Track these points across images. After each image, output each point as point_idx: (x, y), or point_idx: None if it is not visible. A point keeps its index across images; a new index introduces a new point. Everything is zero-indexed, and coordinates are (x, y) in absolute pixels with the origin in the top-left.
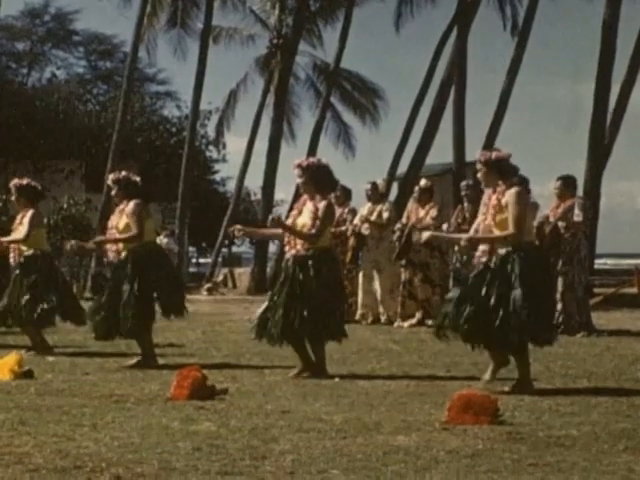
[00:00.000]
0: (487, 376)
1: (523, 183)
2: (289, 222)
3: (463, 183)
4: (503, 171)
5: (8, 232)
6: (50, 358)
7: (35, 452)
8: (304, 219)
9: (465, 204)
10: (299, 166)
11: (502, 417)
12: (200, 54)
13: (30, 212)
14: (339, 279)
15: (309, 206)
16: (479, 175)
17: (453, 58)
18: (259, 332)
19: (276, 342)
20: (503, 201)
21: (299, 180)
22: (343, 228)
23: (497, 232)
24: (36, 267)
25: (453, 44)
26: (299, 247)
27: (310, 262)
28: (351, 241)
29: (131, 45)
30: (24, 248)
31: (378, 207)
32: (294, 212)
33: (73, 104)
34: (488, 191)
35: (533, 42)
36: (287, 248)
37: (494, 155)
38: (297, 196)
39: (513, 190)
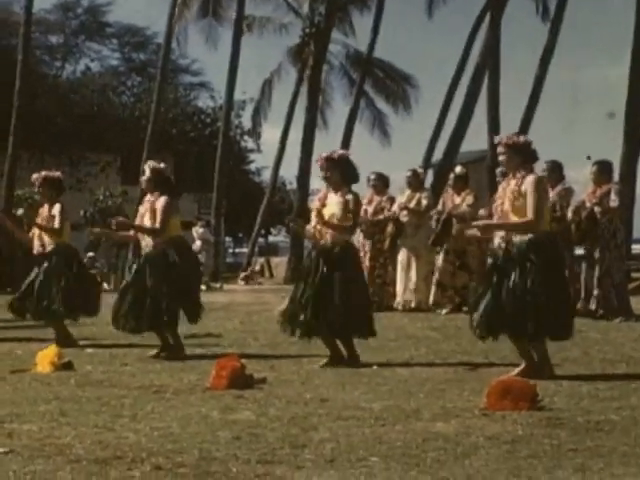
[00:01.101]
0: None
1: (556, 168)
2: (313, 215)
3: (498, 170)
4: (524, 156)
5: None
6: (89, 350)
7: (76, 443)
8: (332, 210)
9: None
10: (324, 159)
11: (541, 402)
12: (233, 44)
13: (58, 205)
14: (362, 274)
15: (335, 198)
16: (500, 159)
17: (486, 44)
18: (288, 327)
19: (304, 337)
20: (523, 188)
21: (322, 173)
22: (381, 217)
23: (514, 218)
24: (63, 259)
25: (486, 30)
26: (327, 237)
27: (335, 255)
28: (389, 228)
29: (164, 36)
30: (48, 240)
31: (417, 195)
32: (317, 204)
33: (107, 96)
34: (508, 177)
35: (566, 26)
36: (315, 238)
37: (514, 139)
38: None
39: (532, 177)
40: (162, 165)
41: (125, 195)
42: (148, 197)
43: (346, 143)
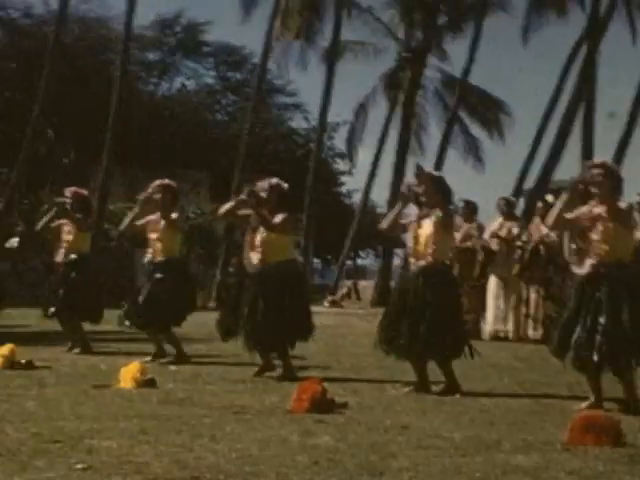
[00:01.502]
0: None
1: None
2: (410, 234)
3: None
4: (619, 186)
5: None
6: (172, 367)
7: (154, 462)
8: (427, 230)
9: None
10: (427, 176)
11: (625, 439)
12: (328, 67)
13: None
14: (458, 295)
15: (430, 217)
16: (594, 180)
17: (582, 73)
18: (385, 347)
19: (402, 357)
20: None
21: (421, 189)
22: (469, 243)
23: (604, 247)
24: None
25: (583, 59)
26: (429, 259)
27: (435, 275)
28: (480, 256)
29: (260, 56)
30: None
31: (508, 223)
32: (413, 224)
33: (202, 114)
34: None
35: None
36: (413, 260)
37: (615, 167)
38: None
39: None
40: (282, 183)
41: (215, 213)
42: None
43: (438, 168)
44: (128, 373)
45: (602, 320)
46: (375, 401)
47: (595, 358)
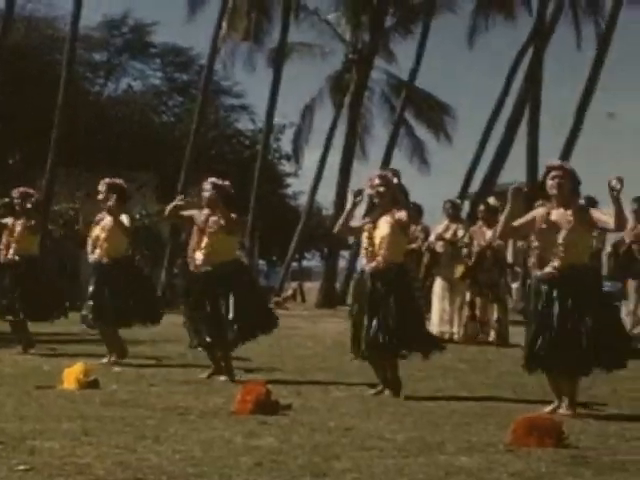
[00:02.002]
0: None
1: (592, 204)
2: (365, 235)
3: (537, 204)
4: (577, 189)
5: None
6: (116, 368)
7: (96, 463)
8: (383, 231)
9: None
10: (382, 177)
11: (567, 440)
12: (275, 68)
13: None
14: (415, 293)
15: (386, 218)
16: (552, 182)
17: (528, 77)
18: (355, 351)
19: (366, 358)
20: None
21: (380, 189)
22: (414, 245)
23: (573, 250)
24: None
25: (529, 63)
26: (379, 260)
27: (390, 276)
28: (425, 258)
29: (207, 58)
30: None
31: (454, 225)
32: (369, 225)
33: (148, 115)
34: (544, 208)
35: (610, 59)
36: (365, 261)
37: (571, 167)
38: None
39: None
40: (227, 182)
41: (161, 214)
42: (206, 212)
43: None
44: (71, 374)
45: (563, 324)
46: (319, 403)
47: (556, 361)
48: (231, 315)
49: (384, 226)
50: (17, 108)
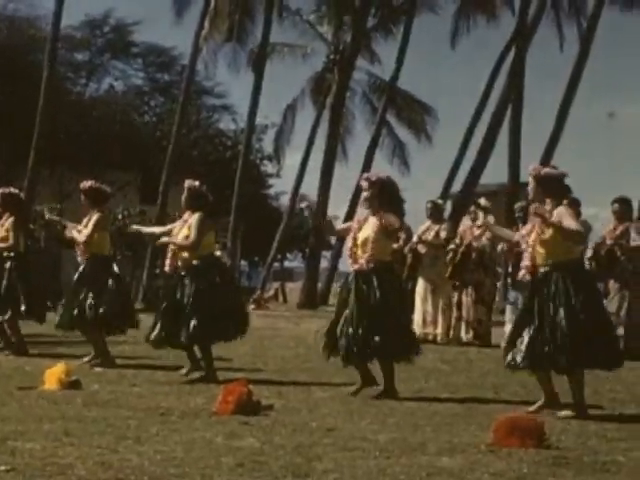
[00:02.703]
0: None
1: (574, 205)
2: (350, 236)
3: (517, 205)
4: (552, 189)
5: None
6: (97, 369)
7: (78, 463)
8: (367, 233)
9: (520, 225)
10: (367, 179)
11: (548, 441)
12: (257, 69)
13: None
14: (403, 294)
15: (372, 220)
16: (528, 188)
17: (510, 77)
18: (329, 351)
19: (347, 361)
20: (554, 219)
21: (365, 194)
22: (396, 246)
23: (541, 251)
24: (100, 270)
25: (511, 63)
26: (362, 262)
27: (374, 277)
28: (408, 259)
29: (189, 58)
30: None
31: (436, 226)
32: (354, 226)
33: (130, 115)
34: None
35: (592, 60)
36: (350, 262)
37: (544, 172)
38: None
39: (561, 207)
40: (197, 183)
41: (143, 215)
42: (185, 216)
43: (366, 171)
44: (53, 375)
45: (547, 321)
46: (301, 403)
47: (544, 359)
48: (194, 311)
49: (369, 228)
50: None
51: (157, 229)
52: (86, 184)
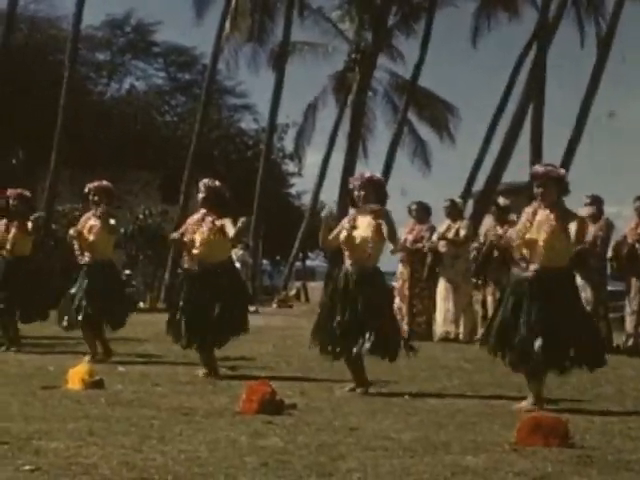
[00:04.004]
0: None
1: (597, 203)
2: (343, 235)
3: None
4: (562, 189)
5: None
6: (121, 368)
7: (102, 463)
8: (364, 232)
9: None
10: (359, 180)
11: (572, 440)
12: (278, 68)
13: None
14: (389, 295)
15: (367, 219)
16: (536, 188)
17: (532, 76)
18: (322, 348)
19: (336, 358)
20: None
21: (357, 193)
22: (420, 245)
23: (549, 254)
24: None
25: (532, 61)
26: (352, 261)
27: (363, 276)
28: (428, 258)
29: (210, 57)
30: (89, 252)
31: (456, 224)
32: (347, 225)
33: (151, 115)
34: (532, 207)
35: (613, 59)
36: (345, 260)
37: (556, 172)
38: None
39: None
40: (217, 183)
41: (165, 214)
42: (202, 211)
43: (387, 170)
44: (76, 374)
45: (542, 321)
46: (324, 402)
47: (536, 358)
48: (215, 316)
49: (363, 227)
50: (20, 108)
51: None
52: (101, 183)
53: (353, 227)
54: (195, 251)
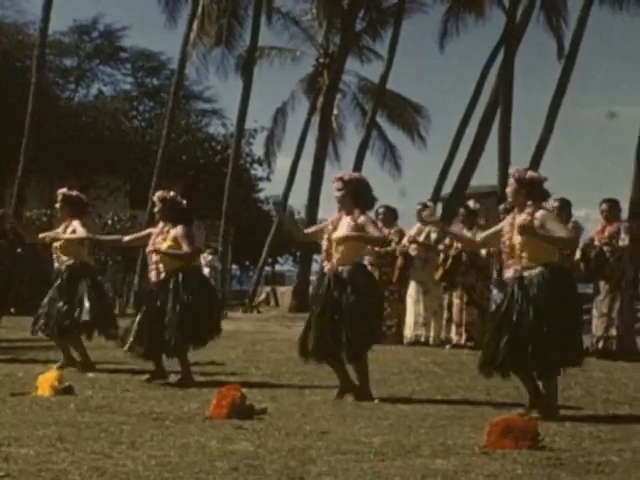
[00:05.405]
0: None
1: (565, 206)
2: (324, 237)
3: (501, 207)
4: (534, 193)
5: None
6: (90, 374)
7: (73, 469)
8: (340, 233)
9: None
10: (340, 179)
11: (542, 442)
12: (245, 72)
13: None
14: (378, 294)
15: (346, 220)
16: (507, 190)
17: (500, 79)
18: (302, 353)
19: (316, 361)
20: (536, 223)
21: (337, 193)
22: (389, 248)
23: (524, 254)
24: (78, 276)
25: (500, 65)
26: (334, 262)
27: (348, 278)
28: (399, 261)
29: (178, 62)
30: (65, 257)
31: (427, 228)
32: (329, 227)
33: (119, 120)
34: (512, 214)
35: (580, 63)
36: (324, 263)
37: (528, 175)
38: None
39: (543, 211)
40: (171, 193)
41: (134, 219)
42: (161, 225)
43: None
44: (46, 381)
45: (528, 325)
46: (294, 407)
47: (525, 362)
48: (175, 321)
49: (342, 228)
50: None
51: (127, 237)
52: (69, 192)
53: (334, 228)
54: (160, 265)
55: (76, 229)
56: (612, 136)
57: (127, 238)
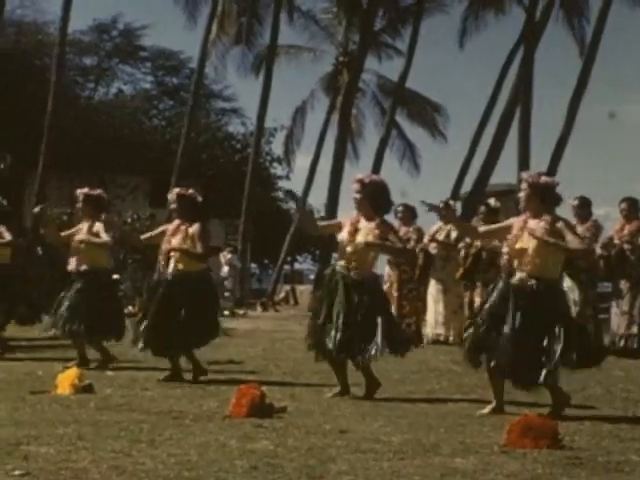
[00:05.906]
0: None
1: (585, 204)
2: (343, 237)
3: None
4: (548, 198)
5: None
6: (110, 373)
7: (92, 468)
8: (364, 237)
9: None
10: (360, 181)
11: (562, 441)
12: (266, 71)
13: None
14: (384, 295)
15: (369, 226)
16: (520, 195)
17: (519, 77)
18: (318, 353)
19: (332, 360)
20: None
21: (356, 195)
22: (408, 247)
23: (537, 260)
24: (96, 280)
25: (519, 63)
26: (344, 263)
27: (365, 284)
28: (420, 260)
29: (197, 61)
30: (83, 258)
31: (447, 227)
32: (349, 228)
33: (139, 119)
34: (523, 216)
35: (600, 61)
36: (341, 262)
37: (542, 180)
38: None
39: (562, 222)
40: (189, 191)
41: (153, 218)
42: (177, 222)
43: (376, 172)
44: (66, 379)
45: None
46: (313, 405)
47: (501, 364)
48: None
49: (365, 233)
50: (8, 113)
51: (144, 235)
52: (90, 191)
53: (355, 230)
54: (171, 260)
55: (99, 232)
56: (635, 134)
57: (143, 237)
